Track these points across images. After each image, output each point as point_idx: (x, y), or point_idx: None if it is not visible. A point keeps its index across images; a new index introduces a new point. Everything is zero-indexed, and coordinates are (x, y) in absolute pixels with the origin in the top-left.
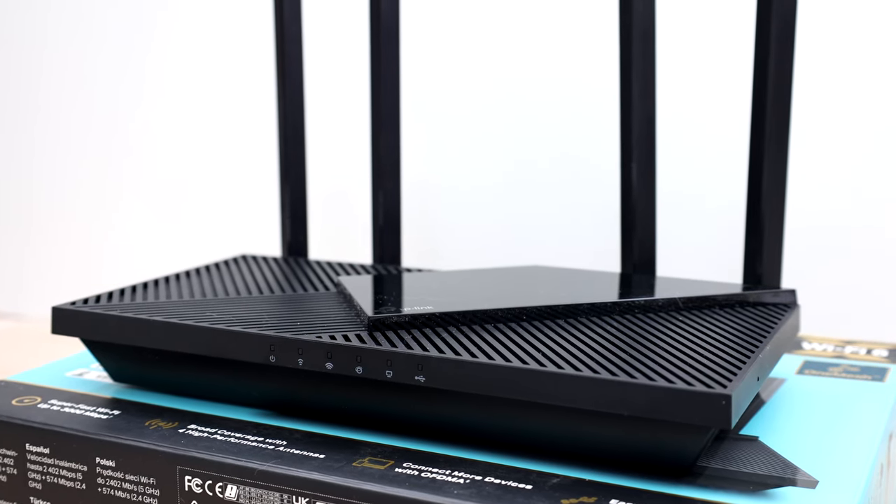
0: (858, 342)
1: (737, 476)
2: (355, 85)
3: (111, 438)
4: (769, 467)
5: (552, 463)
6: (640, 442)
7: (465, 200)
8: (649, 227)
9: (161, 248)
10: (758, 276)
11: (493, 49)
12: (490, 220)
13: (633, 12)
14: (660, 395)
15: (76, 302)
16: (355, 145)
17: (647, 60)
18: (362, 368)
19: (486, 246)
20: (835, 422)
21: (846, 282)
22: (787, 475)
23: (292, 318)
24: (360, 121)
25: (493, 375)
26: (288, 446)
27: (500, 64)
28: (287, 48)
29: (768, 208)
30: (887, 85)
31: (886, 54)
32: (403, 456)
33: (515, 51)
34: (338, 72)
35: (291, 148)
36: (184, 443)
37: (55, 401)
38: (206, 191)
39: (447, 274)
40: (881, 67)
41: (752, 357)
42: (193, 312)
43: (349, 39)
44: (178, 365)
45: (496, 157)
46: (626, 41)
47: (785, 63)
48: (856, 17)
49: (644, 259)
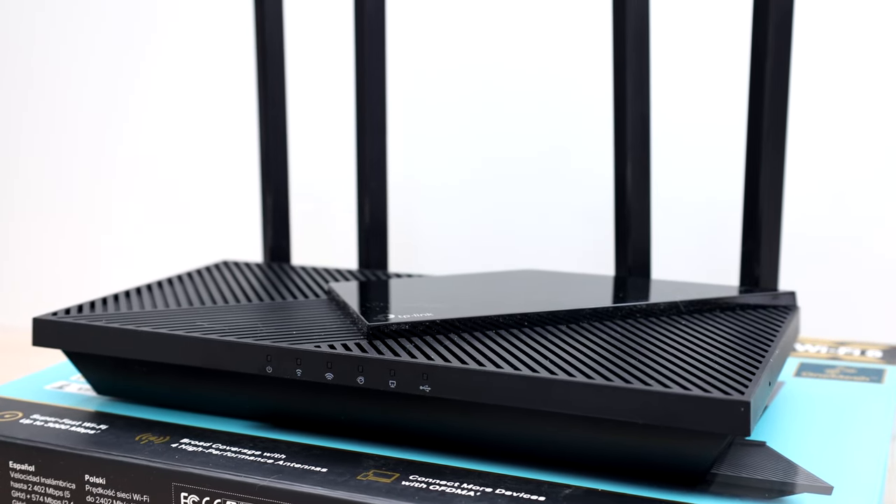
0: (851, 343)
1: (750, 483)
2: (334, 85)
3: (101, 454)
4: (782, 473)
5: (563, 473)
6: (654, 450)
7: (445, 201)
8: (644, 230)
9: (138, 254)
10: (755, 277)
11: (476, 45)
12: (472, 222)
13: (627, 9)
14: (676, 403)
15: (57, 312)
16: (332, 147)
17: (641, 59)
18: (364, 378)
19: (469, 248)
20: (840, 425)
21: (834, 282)
22: (802, 482)
23: (286, 327)
24: (335, 123)
25: (502, 384)
26: (288, 460)
27: (481, 61)
28: (268, 49)
29: (766, 209)
30: (880, 87)
31: (880, 56)
32: (409, 468)
33: (498, 47)
34: (318, 72)
35: (273, 151)
36: (178, 458)
37: (38, 415)
38: (181, 195)
39: (440, 279)
40: (872, 69)
41: (764, 361)
42: (182, 322)
43: (330, 41)
44: (168, 376)
45: (477, 157)
46: (619, 40)
47: (782, 63)
48: (856, 17)
49: (639, 262)
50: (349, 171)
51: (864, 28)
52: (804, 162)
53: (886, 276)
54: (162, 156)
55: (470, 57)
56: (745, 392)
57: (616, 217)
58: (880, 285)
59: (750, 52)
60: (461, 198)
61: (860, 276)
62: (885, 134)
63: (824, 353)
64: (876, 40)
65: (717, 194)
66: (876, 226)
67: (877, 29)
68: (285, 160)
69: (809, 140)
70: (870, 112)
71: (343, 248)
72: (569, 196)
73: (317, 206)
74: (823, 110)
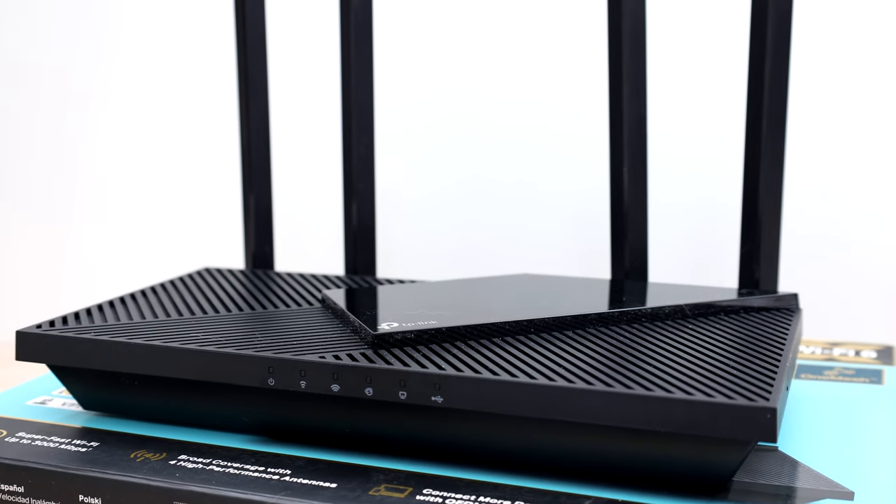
0: (845, 343)
1: (769, 490)
2: (319, 86)
3: (95, 473)
4: (800, 479)
5: (581, 483)
6: (675, 459)
7: (422, 207)
8: (641, 233)
9: (115, 261)
10: (755, 279)
11: (457, 50)
12: (450, 227)
13: (623, 9)
14: (700, 411)
15: (42, 325)
16: (311, 151)
17: (637, 60)
18: (372, 390)
19: (449, 253)
20: (848, 428)
21: (823, 282)
22: (822, 487)
23: (285, 337)
24: (311, 126)
25: (519, 394)
26: (293, 475)
27: (463, 66)
28: (249, 48)
29: (765, 211)
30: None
31: (879, 56)
32: (421, 482)
33: (479, 52)
34: (302, 73)
35: (255, 154)
36: (178, 476)
37: (23, 433)
38: (157, 199)
39: (436, 285)
40: (872, 69)
41: (781, 366)
42: (176, 333)
43: (312, 39)
44: (161, 390)
45: (455, 161)
46: (615, 40)
47: (781, 64)
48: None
49: (636, 266)
50: (329, 174)
51: (866, 26)
52: (794, 161)
53: (876, 276)
54: (136, 157)
55: (452, 61)
56: (770, 398)
57: (612, 220)
58: (870, 285)
59: (749, 52)
60: (440, 204)
61: (849, 276)
62: (875, 133)
63: (819, 354)
64: (877, 38)
65: (702, 194)
66: (865, 226)
67: (880, 26)
68: (268, 162)
69: (799, 139)
70: (860, 111)
71: (322, 254)
72: (552, 199)
73: (294, 209)
74: (816, 110)
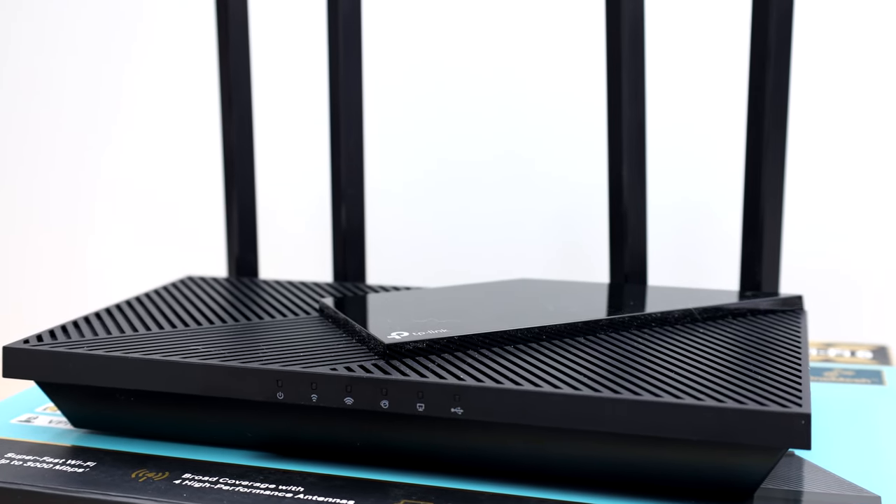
0: (839, 344)
1: (794, 497)
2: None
3: (97, 495)
4: (825, 485)
5: (606, 495)
6: (704, 467)
7: (402, 208)
8: (640, 236)
9: (90, 270)
10: (757, 281)
11: (455, 49)
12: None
13: (622, 10)
14: (732, 418)
15: (29, 339)
16: (293, 156)
17: (636, 62)
18: (388, 402)
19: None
20: (859, 431)
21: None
22: (847, 492)
23: (290, 349)
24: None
25: (544, 404)
26: (307, 492)
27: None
28: (231, 51)
29: (767, 212)
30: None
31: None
32: (441, 496)
33: (479, 51)
34: (287, 73)
35: (238, 159)
36: (186, 496)
37: (12, 454)
38: (132, 205)
39: (437, 291)
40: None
41: (803, 370)
42: (174, 346)
43: (296, 44)
44: (160, 406)
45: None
46: (614, 41)
47: (782, 65)
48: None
49: (635, 269)
50: (309, 177)
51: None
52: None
53: (869, 277)
54: (117, 162)
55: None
56: (802, 404)
57: (610, 223)
58: (862, 285)
59: (750, 51)
60: (414, 203)
61: (844, 276)
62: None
63: (815, 355)
64: (878, 39)
65: (691, 196)
66: (857, 225)
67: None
68: (251, 166)
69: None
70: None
71: (304, 260)
72: (532, 201)
73: (274, 215)
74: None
